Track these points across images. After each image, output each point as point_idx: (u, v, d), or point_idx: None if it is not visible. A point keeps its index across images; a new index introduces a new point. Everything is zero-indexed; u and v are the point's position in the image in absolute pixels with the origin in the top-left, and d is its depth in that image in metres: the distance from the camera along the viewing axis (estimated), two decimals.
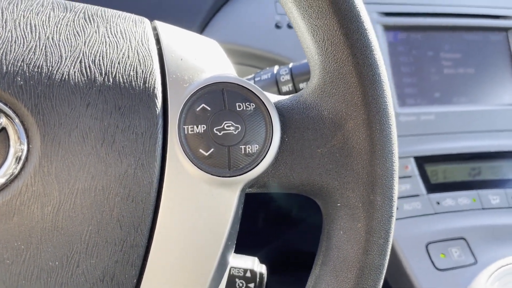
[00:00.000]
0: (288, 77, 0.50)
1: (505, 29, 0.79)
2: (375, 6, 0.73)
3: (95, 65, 0.31)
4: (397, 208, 0.64)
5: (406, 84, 0.73)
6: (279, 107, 0.35)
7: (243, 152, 0.32)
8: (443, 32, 0.77)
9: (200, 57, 0.35)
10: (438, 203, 0.66)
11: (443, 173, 0.70)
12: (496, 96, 0.76)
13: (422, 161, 0.68)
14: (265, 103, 0.33)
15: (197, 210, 0.32)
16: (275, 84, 0.51)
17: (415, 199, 0.65)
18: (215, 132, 0.32)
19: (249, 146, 0.32)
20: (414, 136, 0.69)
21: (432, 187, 0.67)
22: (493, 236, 0.64)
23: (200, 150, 0.31)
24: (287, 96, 0.37)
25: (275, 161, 0.34)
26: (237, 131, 0.32)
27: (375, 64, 0.34)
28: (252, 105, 0.33)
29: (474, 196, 0.68)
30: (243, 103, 0.33)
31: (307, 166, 0.34)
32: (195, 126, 0.32)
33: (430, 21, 0.75)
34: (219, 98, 0.33)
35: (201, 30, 0.64)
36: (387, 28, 0.73)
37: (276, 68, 0.52)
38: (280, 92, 0.51)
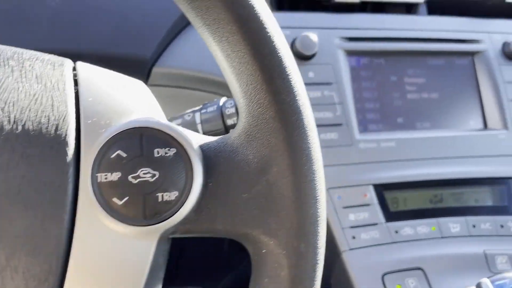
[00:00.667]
0: (233, 110, 0.50)
1: (471, 53, 0.79)
2: (337, 31, 0.73)
3: (3, 113, 0.30)
4: (354, 238, 0.64)
5: (368, 109, 0.72)
6: (205, 149, 0.35)
7: (160, 200, 0.32)
8: (407, 57, 0.76)
9: (121, 100, 0.34)
10: (397, 231, 0.66)
11: (404, 201, 0.69)
12: (461, 122, 0.76)
13: (381, 189, 0.68)
14: (186, 148, 0.33)
15: (111, 261, 0.31)
16: (220, 117, 0.50)
17: (373, 228, 0.65)
18: (130, 180, 0.31)
19: (167, 193, 0.32)
20: (374, 163, 0.68)
21: (391, 215, 0.67)
22: (451, 265, 0.63)
23: (114, 199, 0.31)
24: (215, 138, 0.36)
25: (197, 206, 0.33)
26: (154, 178, 0.32)
27: (299, 109, 0.34)
28: (172, 150, 0.33)
29: (434, 225, 0.67)
30: (162, 149, 0.32)
31: (232, 211, 0.34)
32: (109, 174, 0.31)
33: (393, 46, 0.75)
34: (136, 143, 0.32)
35: (158, 55, 0.64)
36: (350, 53, 0.73)
37: (222, 100, 0.51)
38: (225, 126, 0.50)
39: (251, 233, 0.34)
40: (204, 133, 0.49)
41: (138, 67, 0.62)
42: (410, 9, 0.83)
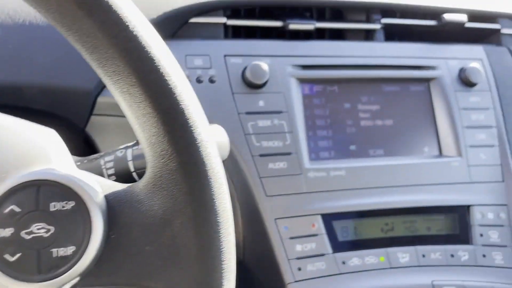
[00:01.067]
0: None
1: (427, 80, 0.79)
2: (291, 58, 0.73)
3: None
4: (300, 269, 0.63)
5: (320, 137, 0.72)
6: (111, 199, 0.34)
7: (55, 255, 0.31)
8: (362, 84, 0.76)
9: (21, 152, 0.34)
10: (344, 262, 0.65)
11: (354, 230, 0.69)
12: (415, 149, 0.76)
13: (330, 218, 0.67)
14: (85, 200, 0.32)
15: None
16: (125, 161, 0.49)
17: (320, 258, 0.64)
18: (23, 236, 0.31)
19: (63, 248, 0.32)
20: (323, 193, 0.68)
21: (340, 246, 0.66)
22: None
23: (5, 256, 0.30)
24: (124, 186, 0.36)
25: (98, 259, 0.33)
26: (49, 233, 0.31)
27: (202, 161, 0.34)
28: (71, 203, 0.32)
29: (383, 255, 0.67)
30: (60, 202, 0.32)
31: (135, 264, 0.34)
32: (1, 230, 0.31)
33: (348, 73, 0.75)
34: (32, 197, 0.32)
35: (103, 85, 0.63)
36: (302, 81, 0.73)
37: (125, 146, 0.51)
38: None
39: (154, 286, 0.34)
40: (136, 170, 0.49)
41: (82, 98, 0.61)
42: (367, 35, 0.83)
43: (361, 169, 0.71)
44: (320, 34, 0.81)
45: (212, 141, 0.34)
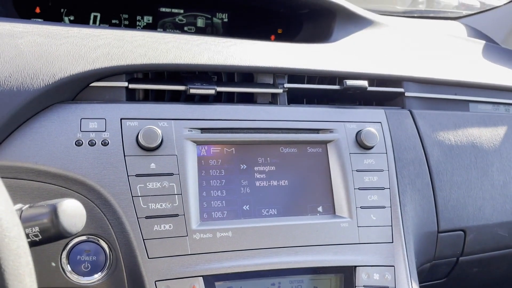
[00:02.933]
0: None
1: (324, 142, 0.83)
2: (187, 122, 0.76)
3: None
4: None
5: (213, 198, 0.75)
6: None
7: None
8: (260, 146, 0.80)
9: None
10: None
11: None
12: (309, 209, 0.79)
13: (213, 280, 0.70)
14: None
15: None
16: None
17: None
18: None
19: None
20: (208, 254, 0.71)
21: None
22: None
23: None
24: None
25: None
26: None
27: None
28: None
29: None
30: None
31: None
32: None
33: (246, 136, 0.79)
34: None
35: None
36: (199, 143, 0.76)
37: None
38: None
39: None
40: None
41: None
42: (273, 98, 0.88)
43: (250, 230, 0.74)
44: (229, 95, 0.86)
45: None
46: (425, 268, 0.89)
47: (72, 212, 0.52)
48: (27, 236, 0.50)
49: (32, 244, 0.50)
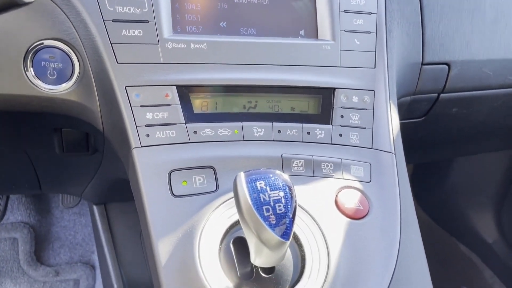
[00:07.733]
0: None
1: None
2: None
3: None
4: (148, 135, 0.64)
5: (187, 10, 0.70)
6: None
7: None
8: None
9: None
10: (196, 132, 0.66)
11: (214, 105, 0.69)
12: (291, 31, 0.75)
13: (186, 91, 0.67)
14: None
15: None
16: None
17: (170, 127, 0.65)
18: None
19: None
20: (181, 65, 0.67)
21: (194, 117, 0.67)
22: (244, 166, 0.64)
23: None
24: None
25: None
26: None
27: None
28: None
29: (238, 128, 0.68)
30: None
31: None
32: None
33: None
34: None
35: None
36: None
37: None
38: None
39: None
40: None
41: None
42: None
43: (226, 44, 0.70)
44: None
45: None
46: (405, 101, 0.87)
47: None
48: None
49: None
